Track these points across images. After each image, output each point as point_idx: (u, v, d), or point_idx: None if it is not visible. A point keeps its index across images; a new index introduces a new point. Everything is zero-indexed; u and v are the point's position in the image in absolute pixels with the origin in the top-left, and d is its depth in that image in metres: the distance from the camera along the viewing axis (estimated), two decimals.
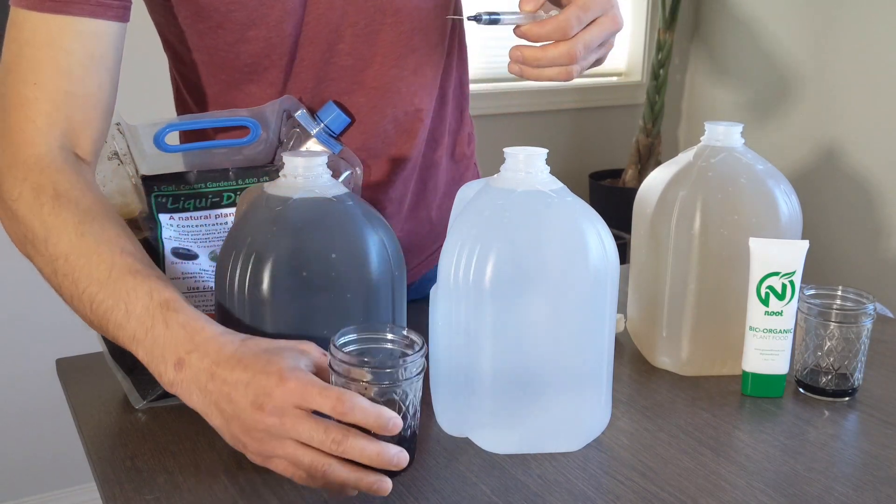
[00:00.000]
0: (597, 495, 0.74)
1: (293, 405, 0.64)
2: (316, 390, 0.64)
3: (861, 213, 2.53)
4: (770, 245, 0.91)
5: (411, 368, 0.67)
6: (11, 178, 0.79)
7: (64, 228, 0.75)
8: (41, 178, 0.78)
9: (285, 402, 0.64)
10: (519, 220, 0.77)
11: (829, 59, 2.57)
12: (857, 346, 0.91)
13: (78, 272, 0.74)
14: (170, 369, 0.69)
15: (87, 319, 0.75)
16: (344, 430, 0.64)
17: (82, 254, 0.74)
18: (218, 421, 0.68)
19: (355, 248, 0.75)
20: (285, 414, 0.64)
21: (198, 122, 0.94)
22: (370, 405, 0.64)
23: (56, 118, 0.81)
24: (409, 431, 0.69)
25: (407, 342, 0.70)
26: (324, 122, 0.96)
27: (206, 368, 0.68)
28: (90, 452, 0.81)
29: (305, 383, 0.64)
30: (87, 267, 0.73)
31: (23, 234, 0.77)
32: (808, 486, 0.76)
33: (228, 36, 0.92)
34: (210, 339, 0.69)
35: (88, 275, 0.73)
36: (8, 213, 0.79)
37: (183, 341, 0.69)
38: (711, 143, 0.98)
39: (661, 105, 2.86)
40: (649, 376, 0.98)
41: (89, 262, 0.73)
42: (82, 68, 0.81)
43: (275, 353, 0.67)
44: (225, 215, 0.89)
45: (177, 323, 0.70)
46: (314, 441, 0.64)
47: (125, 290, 0.72)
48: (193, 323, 0.70)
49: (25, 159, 0.79)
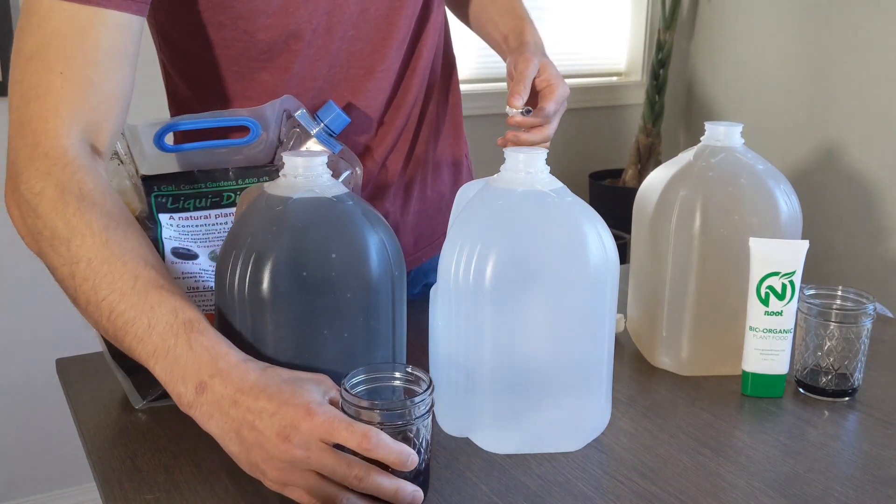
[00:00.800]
0: (597, 495, 0.74)
1: (319, 438, 0.65)
2: (343, 426, 0.65)
3: (861, 213, 2.53)
4: (770, 245, 0.91)
5: (421, 407, 0.69)
6: (34, 171, 0.77)
7: (88, 231, 0.73)
8: (65, 174, 0.76)
9: (311, 436, 0.65)
10: (519, 220, 0.77)
11: (829, 58, 2.57)
12: (857, 346, 0.91)
13: (100, 279, 0.72)
14: (190, 391, 0.69)
15: (100, 327, 0.74)
16: (366, 467, 0.66)
17: (106, 260, 0.72)
18: (236, 448, 0.68)
19: (355, 248, 0.75)
20: (310, 447, 0.65)
21: (198, 122, 0.94)
22: (393, 443, 0.66)
23: (81, 109, 0.79)
24: (424, 464, 0.71)
25: (413, 379, 0.72)
26: (324, 122, 0.96)
27: (229, 395, 0.68)
28: (90, 452, 0.81)
29: (332, 418, 0.65)
30: (110, 275, 0.72)
31: (39, 230, 0.75)
32: (808, 486, 0.76)
33: (247, 25, 0.93)
34: (234, 366, 0.69)
35: (111, 283, 0.72)
36: (26, 208, 0.76)
37: (206, 364, 0.69)
38: (711, 143, 0.98)
39: (661, 105, 2.86)
40: (649, 376, 0.98)
41: (112, 269, 0.72)
42: (108, 61, 0.81)
43: (299, 386, 0.68)
44: (225, 215, 0.89)
45: (201, 345, 0.70)
46: (336, 475, 0.66)
47: (149, 305, 0.71)
48: (218, 347, 0.70)
49: (48, 151, 0.77)
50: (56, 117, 0.78)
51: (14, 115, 0.80)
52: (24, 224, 0.77)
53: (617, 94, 2.99)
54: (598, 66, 2.98)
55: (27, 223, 0.77)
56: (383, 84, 1.04)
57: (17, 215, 0.78)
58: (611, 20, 2.95)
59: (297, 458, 0.65)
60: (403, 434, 0.68)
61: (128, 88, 0.84)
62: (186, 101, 1.05)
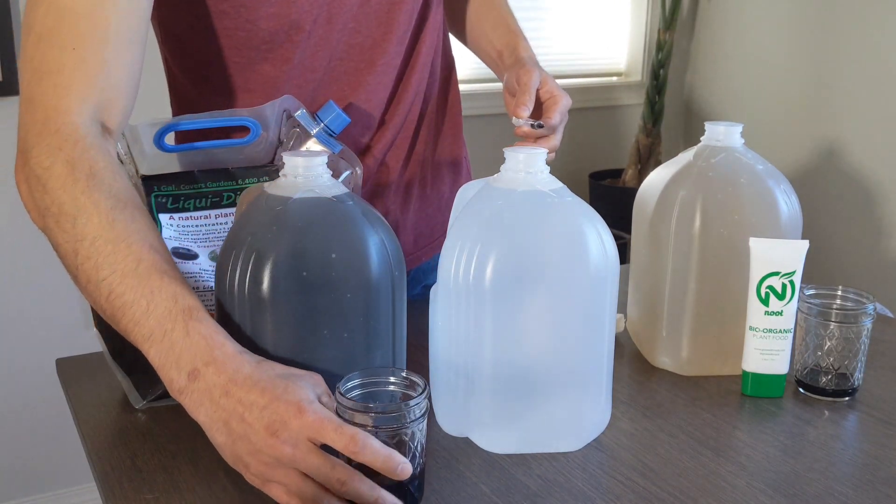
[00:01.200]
0: (597, 495, 0.74)
1: (307, 437, 0.65)
2: (332, 427, 0.65)
3: (861, 213, 2.53)
4: (770, 245, 0.91)
5: (415, 411, 0.68)
6: (44, 146, 0.76)
7: (95, 210, 0.73)
8: (76, 151, 0.76)
9: (300, 434, 0.65)
10: (519, 220, 0.77)
11: (828, 58, 2.57)
12: (857, 346, 0.91)
13: (103, 259, 0.72)
14: (182, 377, 0.69)
15: (98, 306, 0.74)
16: (350, 472, 0.65)
17: (110, 240, 0.72)
18: (222, 438, 0.68)
19: (355, 248, 0.75)
20: (298, 445, 0.65)
21: (198, 122, 0.94)
22: (381, 447, 0.65)
23: (93, 88, 0.79)
24: (419, 469, 0.70)
25: (408, 384, 0.72)
26: (324, 122, 0.96)
27: (221, 384, 0.67)
28: (90, 452, 0.81)
29: (322, 418, 0.65)
30: (113, 255, 0.72)
31: (47, 206, 0.75)
32: (808, 486, 0.76)
33: (249, 14, 0.94)
34: (230, 357, 0.69)
35: (113, 263, 0.71)
36: (35, 182, 0.76)
37: (202, 352, 0.69)
38: (711, 143, 0.98)
39: (661, 105, 2.86)
40: (649, 376, 0.98)
41: (116, 250, 0.72)
42: (120, 40, 0.81)
43: (292, 382, 0.68)
44: (225, 215, 0.89)
45: (198, 333, 0.69)
46: (319, 476, 0.65)
47: (149, 289, 0.71)
48: (215, 337, 0.70)
49: (59, 128, 0.77)
50: (68, 95, 0.78)
51: (25, 91, 0.80)
52: (32, 198, 0.77)
53: (617, 94, 2.99)
54: (598, 66, 2.98)
55: (35, 198, 0.76)
56: (383, 79, 1.05)
57: (26, 190, 0.78)
58: (611, 20, 2.96)
59: (283, 455, 0.65)
60: (398, 437, 0.68)
61: (138, 69, 0.84)
62: (188, 95, 1.05)
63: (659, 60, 2.84)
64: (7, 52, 1.94)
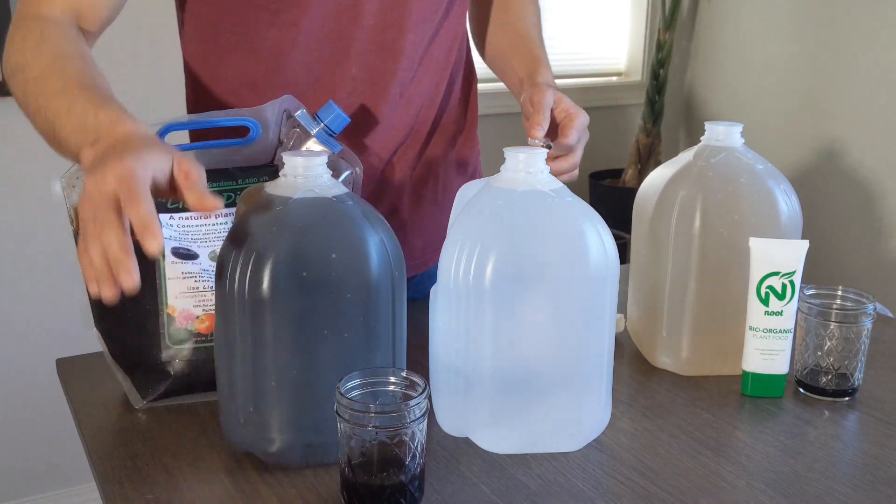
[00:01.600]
0: (597, 495, 0.74)
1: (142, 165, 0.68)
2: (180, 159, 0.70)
3: (861, 213, 2.53)
4: (770, 245, 0.91)
5: (415, 411, 0.69)
6: (16, 30, 0.91)
7: (40, 59, 0.86)
8: (35, 25, 0.90)
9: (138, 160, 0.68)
10: (519, 220, 0.77)
11: (829, 58, 2.57)
12: (857, 346, 0.91)
13: (40, 90, 0.84)
14: (88, 147, 0.74)
15: (44, 133, 0.84)
16: (112, 220, 0.65)
17: (47, 75, 0.84)
18: (90, 153, 0.73)
19: (355, 248, 0.75)
20: (122, 168, 0.67)
21: (198, 122, 0.94)
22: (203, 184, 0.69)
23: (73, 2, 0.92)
24: (419, 468, 0.71)
25: (408, 384, 0.72)
26: (324, 122, 0.96)
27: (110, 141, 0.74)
28: (90, 452, 0.81)
29: (172, 155, 0.70)
30: (47, 82, 0.83)
31: (12, 68, 0.89)
32: (808, 486, 0.76)
33: None
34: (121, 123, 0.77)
35: (47, 88, 0.83)
36: (5, 55, 0.91)
37: (104, 127, 0.76)
38: (711, 143, 0.98)
39: (661, 105, 2.86)
40: (649, 376, 0.98)
41: (50, 79, 0.84)
42: None
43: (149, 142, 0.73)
44: (225, 215, 0.89)
45: (105, 116, 0.77)
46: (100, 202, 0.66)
47: (72, 98, 0.80)
48: (119, 114, 0.77)
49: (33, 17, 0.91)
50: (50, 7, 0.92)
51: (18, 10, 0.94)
52: (4, 67, 0.90)
53: (617, 94, 2.99)
54: (598, 66, 2.98)
55: (6, 66, 0.90)
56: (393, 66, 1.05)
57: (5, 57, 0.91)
58: (611, 20, 2.96)
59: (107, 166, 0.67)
60: (398, 437, 0.68)
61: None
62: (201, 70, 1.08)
63: (659, 60, 2.84)
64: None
